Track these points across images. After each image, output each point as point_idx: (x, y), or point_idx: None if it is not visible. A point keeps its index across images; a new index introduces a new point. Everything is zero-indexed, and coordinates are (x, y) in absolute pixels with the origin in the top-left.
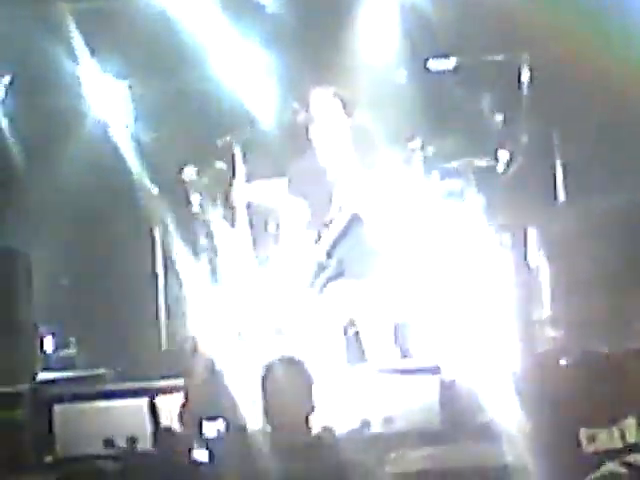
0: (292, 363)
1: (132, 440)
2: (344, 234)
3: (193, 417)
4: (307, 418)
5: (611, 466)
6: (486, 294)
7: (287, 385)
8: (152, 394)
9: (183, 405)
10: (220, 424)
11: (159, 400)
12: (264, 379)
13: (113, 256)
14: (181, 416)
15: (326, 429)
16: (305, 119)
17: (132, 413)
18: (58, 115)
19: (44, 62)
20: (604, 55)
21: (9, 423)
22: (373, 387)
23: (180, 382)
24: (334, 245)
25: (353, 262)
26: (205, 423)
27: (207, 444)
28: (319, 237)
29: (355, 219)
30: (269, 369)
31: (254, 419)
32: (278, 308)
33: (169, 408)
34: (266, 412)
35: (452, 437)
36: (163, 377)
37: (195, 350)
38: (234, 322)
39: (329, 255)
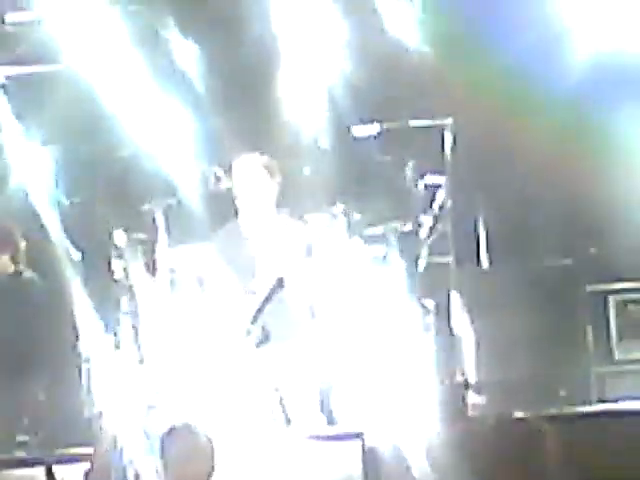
0: (190, 428)
1: None
2: (268, 300)
3: None
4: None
5: None
6: (410, 359)
7: (186, 450)
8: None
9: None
10: None
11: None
12: (163, 446)
13: (33, 323)
14: None
15: None
16: (228, 185)
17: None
18: None
19: None
20: (527, 119)
21: None
22: (297, 453)
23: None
24: (259, 311)
25: (278, 327)
26: None
27: None
28: (244, 303)
29: (279, 285)
30: (167, 436)
31: None
32: (201, 374)
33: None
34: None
35: None
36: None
37: (101, 423)
38: (149, 392)
39: (254, 321)
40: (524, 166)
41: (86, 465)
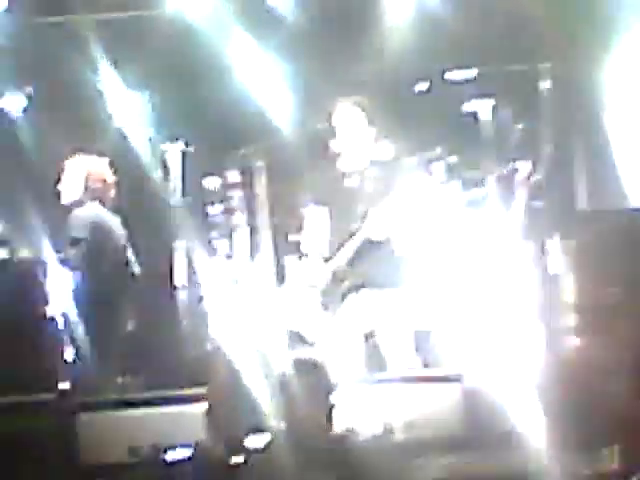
0: (311, 365)
1: (156, 448)
2: (365, 244)
3: (219, 424)
4: (327, 420)
5: None
6: (508, 303)
7: (306, 387)
8: (175, 402)
9: (207, 413)
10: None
11: (183, 408)
12: (283, 379)
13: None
14: (208, 424)
15: (349, 431)
16: (327, 129)
17: (157, 421)
18: (79, 126)
19: (66, 73)
20: (623, 62)
21: (34, 432)
22: (395, 395)
23: (203, 390)
24: (355, 255)
25: (374, 272)
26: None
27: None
28: (340, 246)
29: (377, 229)
30: (288, 369)
31: (275, 423)
32: (298, 317)
33: (193, 416)
34: (285, 415)
35: (475, 445)
36: (186, 385)
37: (219, 356)
38: (253, 330)
39: (350, 265)
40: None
41: (203, 405)
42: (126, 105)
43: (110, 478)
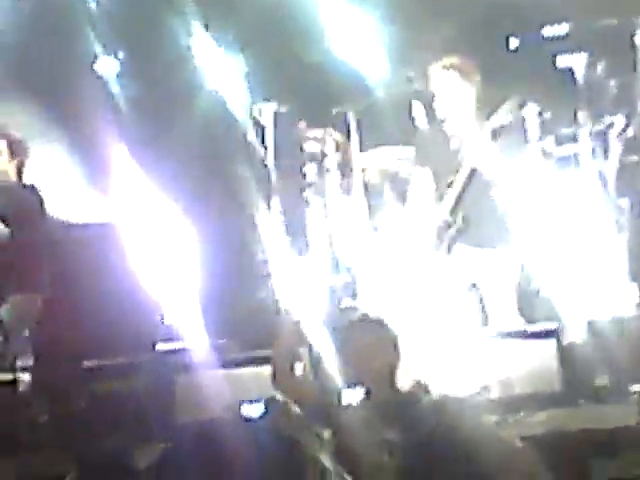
0: (371, 321)
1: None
2: (466, 190)
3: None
4: (393, 372)
5: None
6: (604, 259)
7: (367, 340)
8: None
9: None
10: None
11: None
12: (346, 337)
13: (229, 227)
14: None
15: (419, 384)
16: (423, 90)
17: (254, 381)
18: (174, 88)
19: (159, 36)
20: None
21: (131, 393)
22: (493, 351)
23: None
24: (457, 202)
25: (477, 222)
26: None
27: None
28: (442, 198)
29: (477, 175)
30: (349, 327)
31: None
32: (399, 271)
33: None
34: (348, 370)
35: (571, 400)
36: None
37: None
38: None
39: (453, 212)
40: None
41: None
42: (220, 66)
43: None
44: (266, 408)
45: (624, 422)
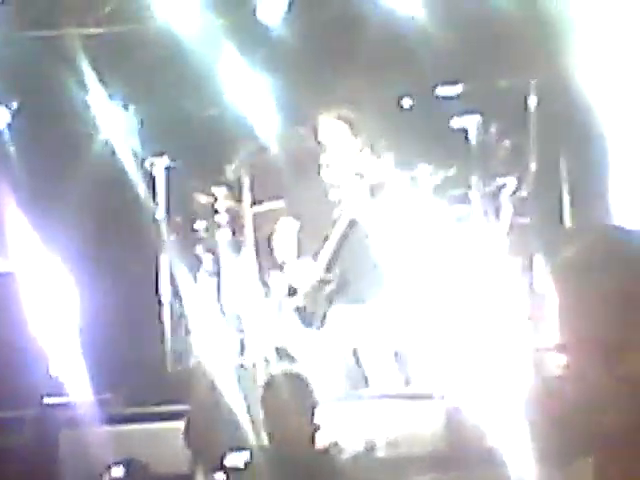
0: (295, 378)
1: (139, 465)
2: (343, 244)
3: (199, 440)
4: (310, 436)
5: None
6: (492, 319)
7: (290, 399)
8: (157, 419)
9: (187, 430)
10: (245, 455)
11: (165, 425)
12: (266, 394)
13: (117, 280)
14: (187, 440)
15: (333, 445)
16: (312, 144)
17: (138, 438)
18: (65, 140)
19: (52, 87)
20: (610, 79)
21: (16, 448)
22: (377, 412)
23: (185, 407)
24: (334, 257)
25: (355, 277)
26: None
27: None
28: (318, 253)
29: (354, 227)
30: (271, 384)
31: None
32: (281, 331)
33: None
34: (268, 429)
35: (459, 463)
36: (168, 402)
37: (200, 372)
38: (235, 345)
39: (329, 269)
40: (609, 127)
41: (181, 422)
42: (112, 119)
43: None
44: (127, 469)
45: None
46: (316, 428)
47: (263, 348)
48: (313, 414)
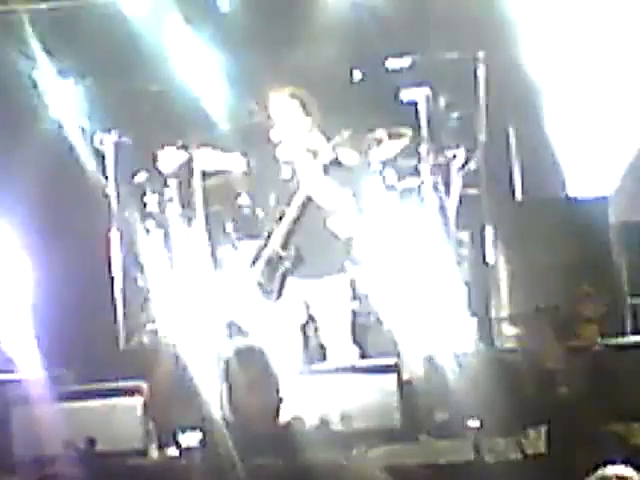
0: (258, 352)
1: (91, 441)
2: (298, 220)
3: (159, 416)
4: (270, 409)
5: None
6: (444, 292)
7: (256, 373)
8: (111, 395)
9: (145, 404)
10: (197, 435)
11: (118, 401)
12: (230, 369)
13: (69, 256)
14: (145, 415)
15: (295, 419)
16: (263, 120)
17: (91, 414)
18: (14, 115)
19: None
20: (560, 52)
21: None
22: (332, 385)
23: (139, 383)
24: (289, 233)
25: (311, 253)
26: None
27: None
28: (273, 230)
29: (310, 205)
30: (235, 358)
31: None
32: (235, 306)
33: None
34: (231, 403)
35: (411, 435)
36: (122, 378)
37: (155, 347)
38: (191, 320)
39: (285, 246)
40: (556, 97)
41: (134, 399)
42: (61, 95)
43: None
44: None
45: (463, 457)
46: (280, 402)
47: (217, 322)
48: (278, 388)
